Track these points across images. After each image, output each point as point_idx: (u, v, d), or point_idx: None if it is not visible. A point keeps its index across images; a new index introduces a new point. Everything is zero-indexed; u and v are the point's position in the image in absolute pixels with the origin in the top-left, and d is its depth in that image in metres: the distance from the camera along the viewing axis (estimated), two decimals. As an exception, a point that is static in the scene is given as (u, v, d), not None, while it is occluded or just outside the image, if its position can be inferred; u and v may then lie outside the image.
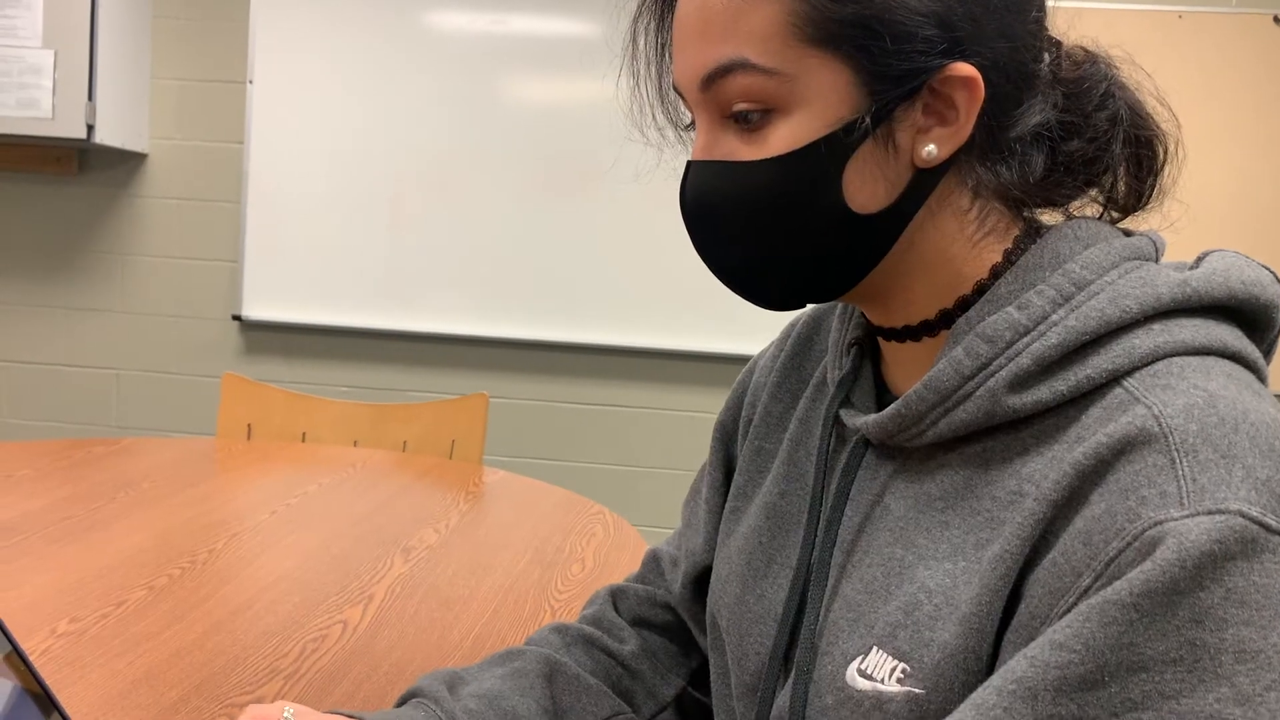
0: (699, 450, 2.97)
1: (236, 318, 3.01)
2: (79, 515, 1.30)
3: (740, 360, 2.92)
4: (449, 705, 0.71)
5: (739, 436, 0.82)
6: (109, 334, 3.10)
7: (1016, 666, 0.49)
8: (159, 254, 3.07)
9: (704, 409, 2.98)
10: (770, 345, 0.83)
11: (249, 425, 1.94)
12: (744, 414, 0.81)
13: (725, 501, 0.81)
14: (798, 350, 0.79)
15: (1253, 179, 2.75)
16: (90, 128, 2.79)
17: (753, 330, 2.84)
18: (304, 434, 1.94)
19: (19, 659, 0.64)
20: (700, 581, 0.82)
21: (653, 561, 0.89)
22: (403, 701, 0.74)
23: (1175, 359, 0.54)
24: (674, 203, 2.84)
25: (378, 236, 2.95)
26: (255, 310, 3.00)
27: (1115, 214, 0.64)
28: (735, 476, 0.79)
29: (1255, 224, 2.74)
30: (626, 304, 2.92)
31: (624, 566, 1.25)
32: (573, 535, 1.37)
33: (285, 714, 0.66)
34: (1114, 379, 0.55)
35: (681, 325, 2.91)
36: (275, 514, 1.37)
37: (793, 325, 0.81)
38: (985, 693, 0.49)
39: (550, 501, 1.53)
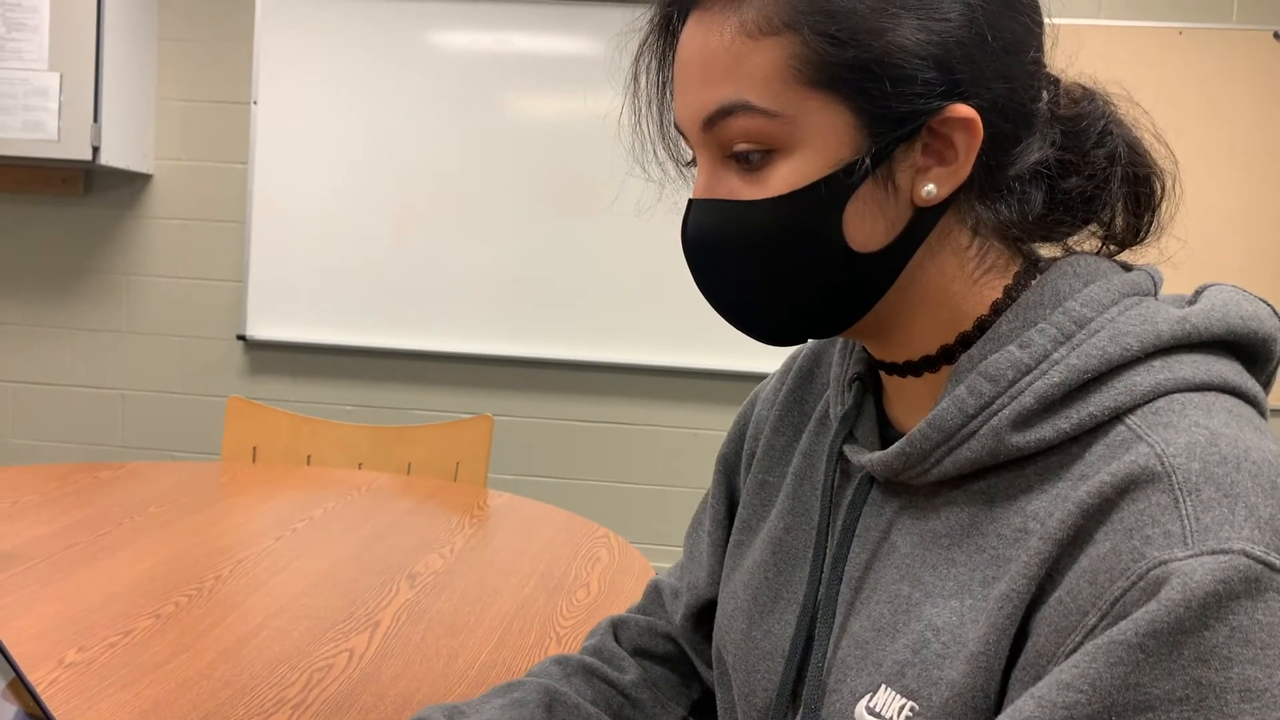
0: (703, 468, 2.97)
1: (241, 337, 3.02)
2: (85, 542, 1.31)
3: (745, 378, 2.93)
4: None
5: (742, 469, 0.82)
6: (114, 354, 3.11)
7: (1024, 706, 0.49)
8: (164, 274, 3.08)
9: (708, 426, 2.98)
10: (771, 378, 0.84)
11: (254, 448, 1.94)
12: (746, 446, 0.82)
13: (729, 534, 0.81)
14: (799, 384, 0.79)
15: (1253, 193, 2.75)
16: (96, 149, 2.81)
17: (757, 348, 2.84)
18: (309, 456, 1.95)
19: (24, 688, 0.64)
20: (702, 614, 0.83)
21: (654, 592, 0.89)
22: None
23: (1177, 396, 0.55)
24: (676, 221, 2.84)
25: (382, 256, 2.96)
26: (260, 330, 3.01)
27: (1113, 249, 0.65)
28: (739, 509, 0.79)
29: (1256, 238, 2.75)
30: (631, 321, 2.92)
31: (628, 591, 1.26)
32: (578, 560, 1.37)
33: None
34: (1116, 416, 0.55)
35: (686, 342, 2.91)
36: (281, 539, 1.37)
37: (793, 359, 0.82)
38: None
39: (555, 525, 1.53)
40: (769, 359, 2.70)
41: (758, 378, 2.83)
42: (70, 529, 1.36)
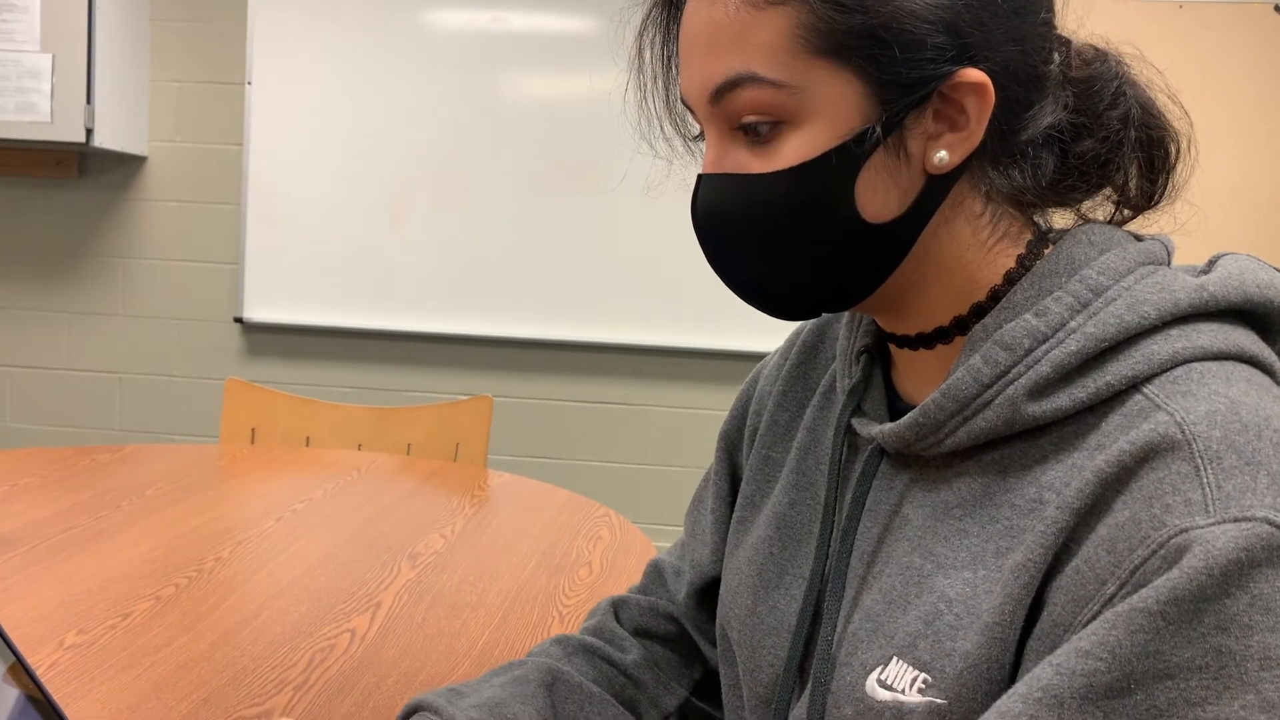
0: (703, 447, 2.96)
1: (238, 320, 3.01)
2: (84, 524, 1.30)
3: (745, 357, 2.92)
4: (449, 712, 0.70)
5: (744, 445, 0.81)
6: (111, 338, 3.09)
7: (1042, 674, 0.48)
8: (160, 257, 3.07)
9: (707, 406, 2.97)
10: (774, 353, 0.83)
11: (252, 430, 1.93)
12: (749, 423, 0.81)
13: (731, 511, 0.80)
14: (803, 358, 0.78)
15: (1254, 169, 2.74)
16: (89, 131, 2.78)
17: (758, 328, 2.83)
18: (308, 438, 1.94)
19: (24, 672, 0.63)
20: (706, 592, 0.82)
21: (655, 572, 0.88)
22: (405, 716, 0.73)
23: (1195, 365, 0.54)
24: (676, 200, 2.83)
25: (379, 237, 2.95)
26: (257, 312, 2.99)
27: (1127, 213, 0.64)
28: (742, 486, 0.78)
29: (1257, 215, 2.74)
30: (629, 302, 2.91)
31: (630, 570, 1.25)
32: (579, 539, 1.36)
33: None
34: (1133, 385, 0.54)
35: (685, 323, 2.90)
36: (280, 521, 1.36)
37: (797, 333, 0.81)
38: (1010, 700, 0.49)
39: (556, 504, 1.53)
40: (769, 338, 2.69)
41: (758, 357, 2.82)
42: (69, 512, 1.35)
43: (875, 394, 0.67)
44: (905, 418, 0.61)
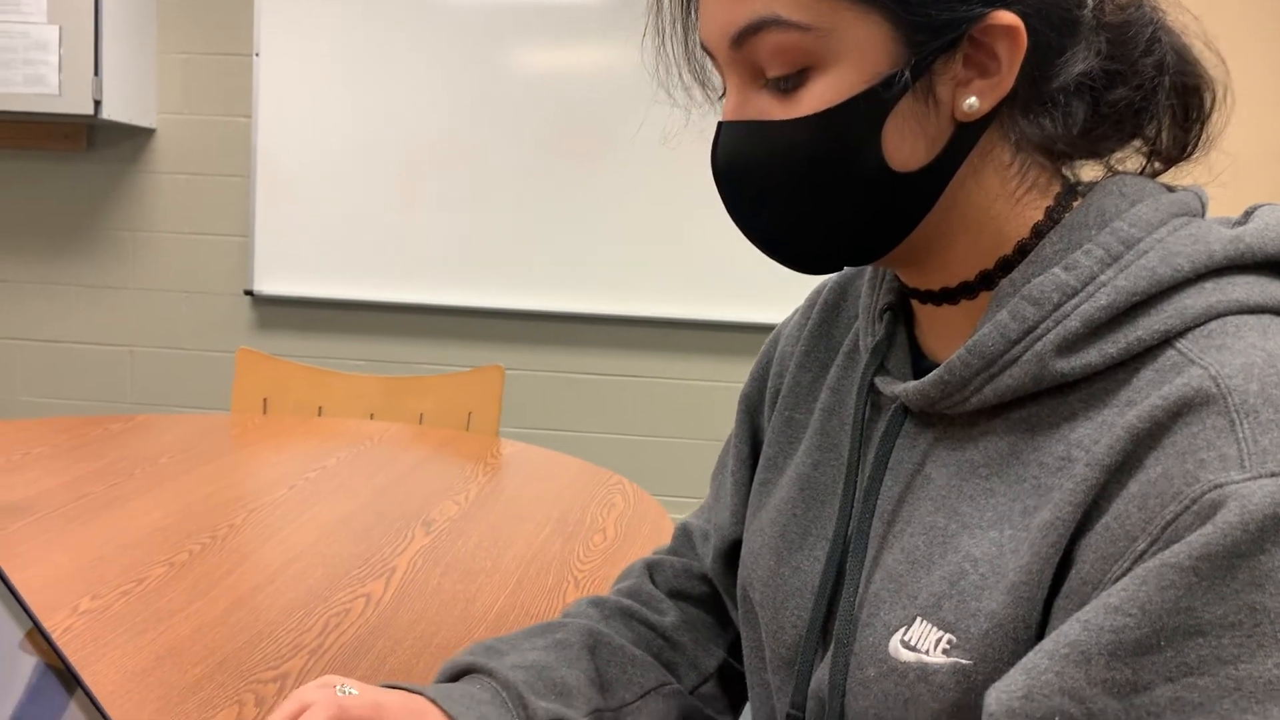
0: (716, 420, 2.95)
1: (248, 293, 3.00)
2: (96, 492, 1.30)
3: (756, 329, 2.90)
4: (504, 676, 0.69)
5: (765, 408, 0.80)
6: (122, 311, 3.09)
7: (1069, 630, 0.47)
8: (170, 229, 3.06)
9: (720, 378, 2.96)
10: (794, 314, 0.81)
11: (264, 400, 1.93)
12: (770, 384, 0.80)
13: (753, 474, 0.80)
14: (825, 317, 0.77)
15: (1273, 131, 2.70)
16: (97, 103, 2.77)
17: (771, 299, 2.82)
18: (320, 408, 1.93)
19: (41, 637, 0.63)
20: (731, 555, 0.81)
21: (684, 535, 0.88)
22: (454, 677, 0.72)
23: (1230, 318, 0.52)
24: (687, 170, 2.81)
25: (389, 208, 2.93)
26: (267, 285, 2.99)
27: (1159, 165, 0.62)
28: (764, 448, 0.77)
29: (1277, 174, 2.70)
30: (641, 274, 2.89)
31: (645, 537, 1.24)
32: (593, 506, 1.36)
33: (340, 689, 0.64)
34: (1165, 340, 0.53)
35: (696, 295, 2.89)
36: (294, 488, 1.36)
37: (818, 292, 0.79)
38: (1036, 657, 0.48)
39: (569, 473, 1.52)
40: (781, 309, 2.68)
41: (770, 329, 2.81)
42: (81, 480, 1.34)
43: (899, 352, 0.66)
44: (930, 375, 0.59)
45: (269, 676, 0.84)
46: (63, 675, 0.63)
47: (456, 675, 0.73)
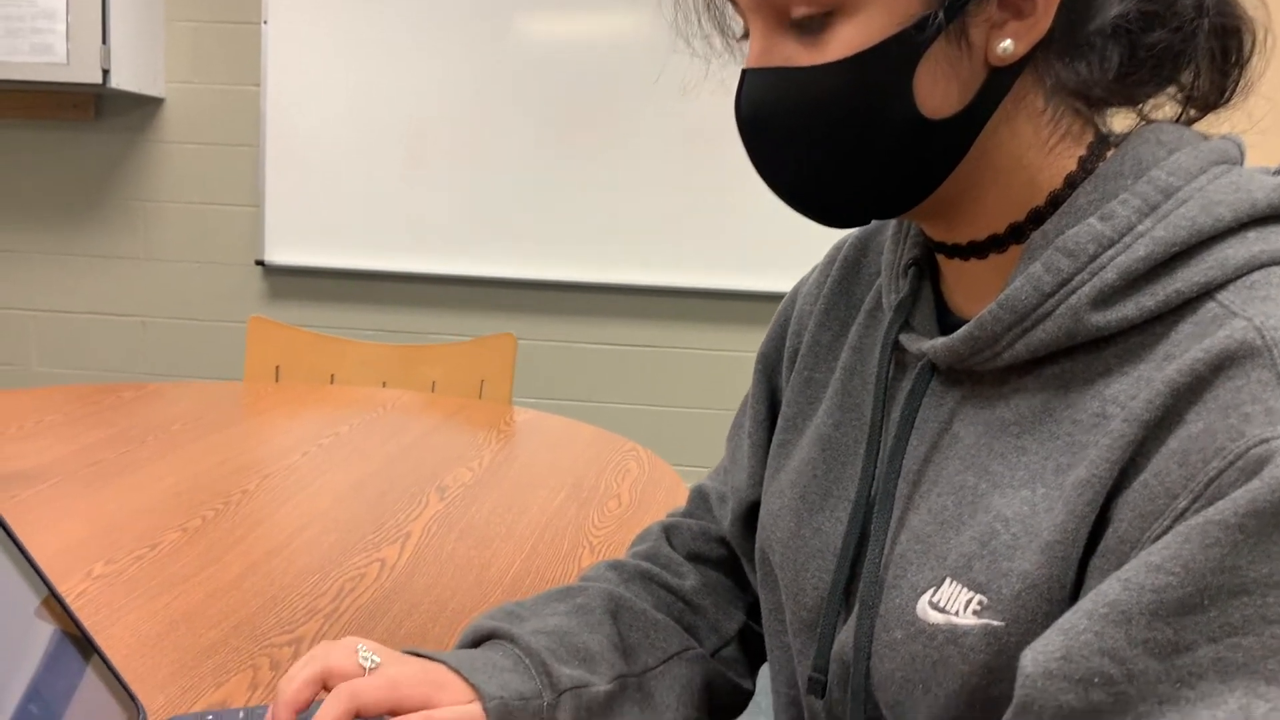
0: (730, 390, 2.94)
1: (260, 263, 2.99)
2: (109, 459, 1.29)
3: (767, 298, 2.88)
4: (525, 642, 0.68)
5: (783, 367, 0.78)
6: (133, 281, 3.09)
7: (1108, 590, 0.46)
8: (180, 200, 3.04)
9: (732, 347, 2.94)
10: (813, 271, 0.80)
11: (277, 367, 1.92)
12: (789, 344, 0.78)
13: (771, 435, 0.78)
14: (845, 274, 0.75)
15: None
16: (106, 72, 2.75)
17: (784, 267, 2.80)
18: (332, 376, 1.93)
19: (57, 603, 0.62)
20: (749, 518, 0.80)
21: (699, 497, 0.86)
22: (476, 643, 0.71)
23: (1274, 269, 0.51)
24: (700, 137, 2.78)
25: (400, 177, 2.91)
26: (278, 255, 2.97)
27: (1194, 113, 0.60)
28: (783, 409, 0.76)
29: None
30: (654, 243, 2.87)
31: (660, 502, 1.23)
32: (607, 472, 1.35)
33: (362, 654, 0.63)
34: (1206, 292, 0.51)
35: (709, 264, 2.86)
36: (307, 455, 1.35)
37: (838, 248, 0.78)
38: (1074, 617, 0.46)
39: (582, 439, 1.51)
40: (791, 279, 2.66)
41: (782, 298, 2.78)
42: (93, 447, 1.34)
43: (924, 308, 0.65)
44: (959, 331, 0.58)
45: (283, 640, 0.83)
46: (79, 641, 0.62)
47: (477, 641, 0.72)
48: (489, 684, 0.65)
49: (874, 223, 0.76)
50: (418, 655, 0.66)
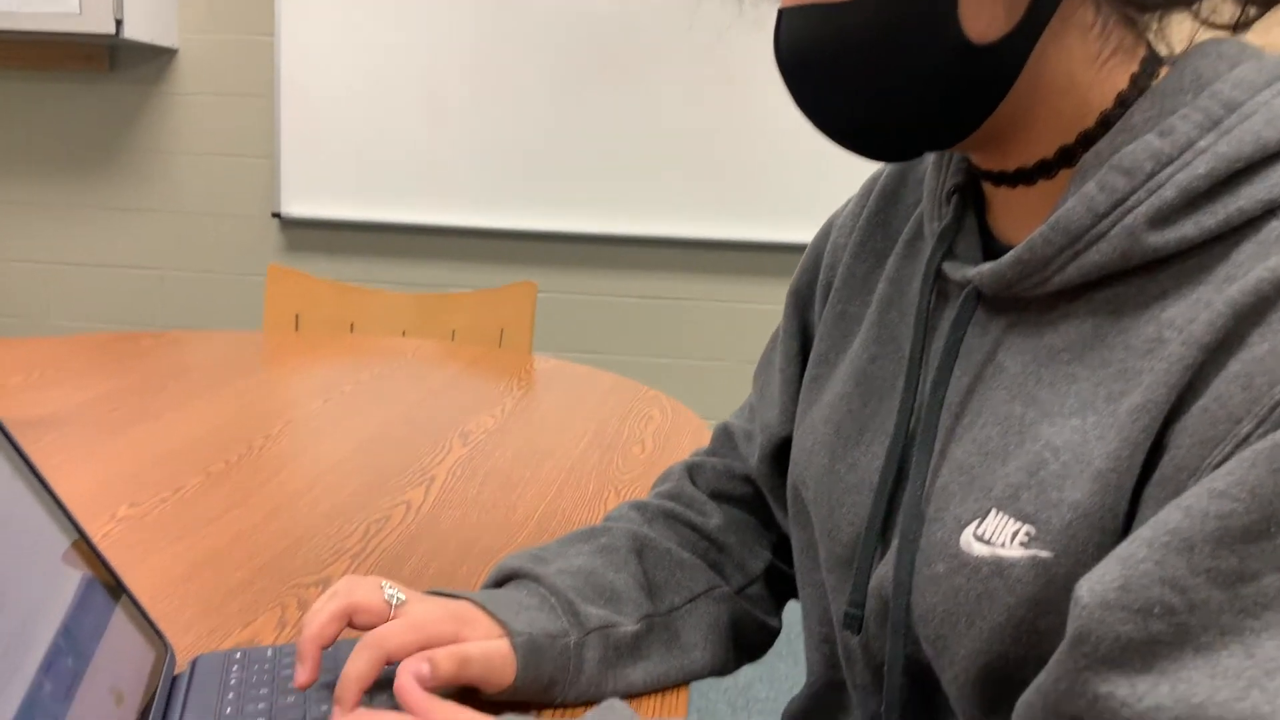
0: (753, 342, 2.92)
1: (276, 215, 2.97)
2: (130, 406, 1.29)
3: (789, 249, 2.85)
4: (551, 581, 0.68)
5: (816, 302, 0.77)
6: (149, 233, 3.08)
7: (1169, 518, 0.44)
8: (195, 151, 3.02)
9: (756, 300, 2.91)
10: (848, 203, 0.77)
11: (296, 316, 1.91)
12: (822, 277, 0.76)
13: (803, 371, 0.76)
14: (882, 206, 0.73)
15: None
16: (119, 22, 2.72)
17: (808, 218, 2.77)
18: (351, 325, 1.92)
19: (86, 545, 0.62)
20: (778, 454, 0.78)
21: (724, 435, 0.85)
22: (500, 583, 0.71)
23: None
24: (723, 86, 2.73)
25: (417, 127, 2.88)
26: (295, 207, 2.95)
27: (1254, 11, 0.57)
28: (815, 343, 0.74)
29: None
30: (675, 194, 2.84)
31: (685, 448, 1.22)
32: (630, 419, 1.34)
33: (387, 591, 0.63)
34: (1270, 211, 0.49)
35: (731, 214, 2.83)
36: (329, 402, 1.34)
37: (874, 179, 0.75)
38: (1132, 546, 0.45)
39: (604, 387, 1.50)
40: (815, 229, 2.62)
41: (805, 248, 2.75)
42: (114, 394, 1.33)
43: (968, 236, 0.62)
44: (1009, 254, 0.56)
45: (311, 581, 0.83)
46: (107, 583, 0.62)
47: (501, 581, 0.71)
48: (516, 620, 0.64)
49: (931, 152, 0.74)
50: (442, 595, 0.66)
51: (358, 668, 0.59)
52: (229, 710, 0.62)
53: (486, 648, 0.62)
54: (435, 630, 0.62)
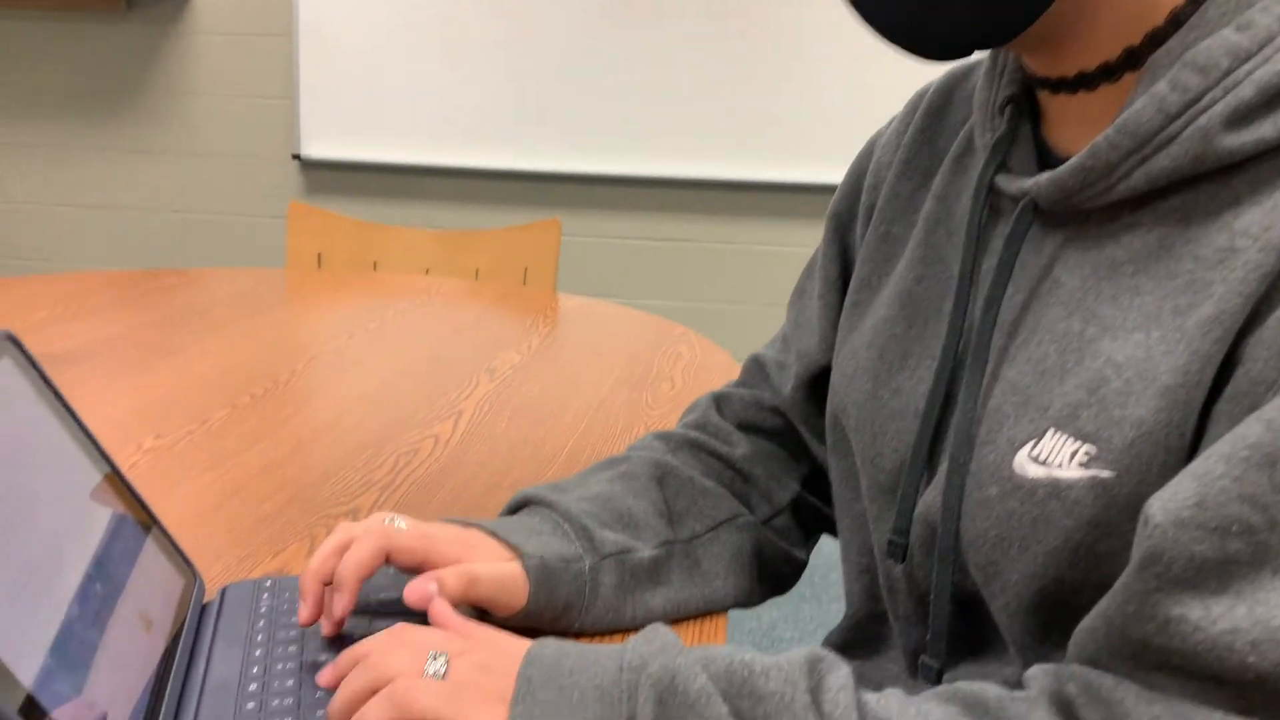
0: (778, 285, 2.88)
1: (296, 157, 2.95)
2: (154, 341, 1.27)
3: (817, 190, 2.80)
4: (565, 507, 0.66)
5: (857, 224, 0.74)
6: (169, 175, 3.06)
7: (1248, 431, 0.42)
8: (214, 92, 2.99)
9: (785, 243, 2.87)
10: (892, 121, 0.74)
11: (319, 254, 1.89)
12: (864, 198, 0.73)
13: (843, 297, 0.74)
14: (928, 123, 0.70)
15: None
16: (135, -42, 2.68)
17: (835, 160, 2.72)
18: (375, 263, 1.90)
19: (117, 477, 0.61)
20: (815, 383, 0.76)
21: (755, 366, 0.82)
22: (514, 511, 0.69)
23: None
24: (749, 24, 2.67)
25: (438, 67, 2.83)
26: (315, 149, 2.93)
27: None
28: (857, 267, 0.72)
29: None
30: (701, 133, 2.79)
31: (715, 384, 1.19)
32: (659, 355, 1.31)
33: (391, 523, 0.61)
34: None
35: (754, 155, 2.78)
36: (354, 338, 1.33)
37: (920, 95, 0.72)
38: (1208, 462, 0.42)
39: (631, 324, 1.47)
40: (842, 170, 2.57)
41: (834, 190, 2.71)
42: (138, 329, 1.32)
43: (1023, 147, 0.60)
44: (1071, 161, 0.53)
45: (340, 511, 0.82)
46: (138, 513, 0.61)
47: (516, 509, 0.70)
48: (527, 544, 0.63)
49: (960, 67, 0.71)
50: (455, 523, 0.64)
51: (358, 555, 0.58)
52: (260, 637, 0.61)
53: (497, 570, 0.61)
54: (442, 548, 0.61)
